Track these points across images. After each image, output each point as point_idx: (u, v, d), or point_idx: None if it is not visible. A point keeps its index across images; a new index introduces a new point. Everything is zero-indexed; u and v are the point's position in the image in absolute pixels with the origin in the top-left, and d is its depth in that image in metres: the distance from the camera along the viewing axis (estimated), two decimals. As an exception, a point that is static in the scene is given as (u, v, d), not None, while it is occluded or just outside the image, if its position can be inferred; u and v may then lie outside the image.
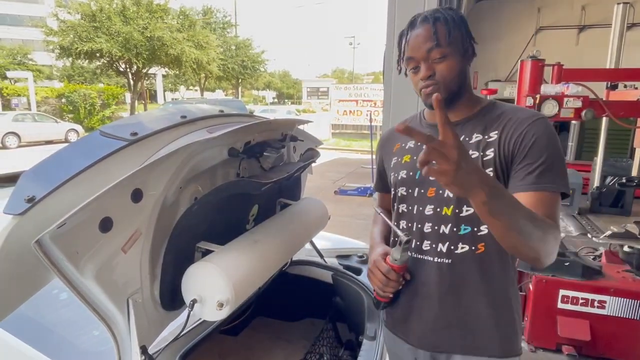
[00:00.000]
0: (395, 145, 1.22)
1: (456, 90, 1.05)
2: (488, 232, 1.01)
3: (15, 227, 0.79)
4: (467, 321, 1.06)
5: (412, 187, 1.13)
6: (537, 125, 0.99)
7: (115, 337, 1.00)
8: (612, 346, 2.56)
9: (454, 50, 1.02)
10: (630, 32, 6.39)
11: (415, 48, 1.03)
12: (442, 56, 1.01)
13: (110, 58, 20.77)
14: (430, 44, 1.00)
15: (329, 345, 1.86)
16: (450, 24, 1.01)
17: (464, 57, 1.04)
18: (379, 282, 1.07)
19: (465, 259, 1.05)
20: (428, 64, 1.02)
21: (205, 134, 1.12)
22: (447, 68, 1.02)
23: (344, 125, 17.18)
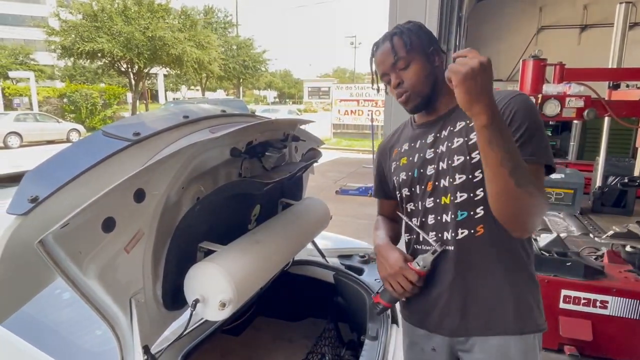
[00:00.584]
0: (393, 151, 1.29)
1: (429, 91, 1.13)
2: (484, 214, 1.05)
3: (19, 227, 0.79)
4: (477, 303, 1.09)
5: (413, 185, 1.18)
6: (514, 100, 1.03)
7: (118, 337, 1.00)
8: (614, 346, 2.56)
9: (415, 57, 1.11)
10: (633, 31, 6.38)
11: (381, 64, 1.15)
12: (405, 65, 1.11)
13: (112, 58, 20.80)
14: (392, 56, 1.11)
15: (330, 345, 1.86)
16: (406, 34, 1.12)
17: (429, 59, 1.13)
18: (402, 289, 1.10)
19: (467, 243, 1.08)
20: (396, 73, 1.13)
21: (207, 134, 1.12)
22: (412, 73, 1.11)
23: (345, 125, 17.18)
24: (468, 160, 1.05)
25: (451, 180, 1.08)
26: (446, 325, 1.14)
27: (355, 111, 16.69)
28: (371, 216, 1.61)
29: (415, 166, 1.17)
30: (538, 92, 2.71)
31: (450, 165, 1.08)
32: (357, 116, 16.71)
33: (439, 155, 1.12)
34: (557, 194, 3.95)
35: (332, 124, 17.47)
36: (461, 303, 1.10)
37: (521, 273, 1.10)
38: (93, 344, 1.41)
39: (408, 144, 1.23)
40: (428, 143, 1.16)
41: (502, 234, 1.05)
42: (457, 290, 1.10)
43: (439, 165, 1.11)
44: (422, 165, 1.15)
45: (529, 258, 1.12)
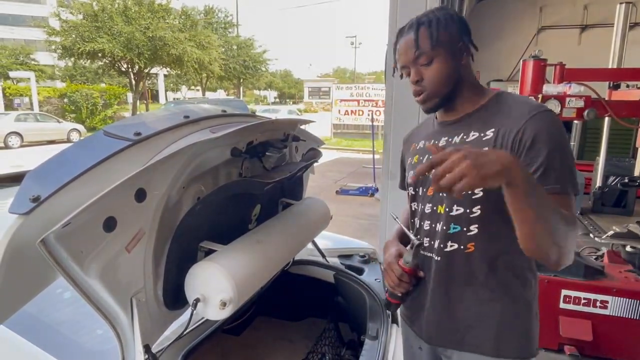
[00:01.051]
0: (412, 145, 1.25)
1: (447, 92, 1.05)
2: (478, 232, 1.02)
3: (21, 226, 0.79)
4: (456, 317, 1.08)
5: (417, 186, 1.15)
6: (535, 120, 0.95)
7: (119, 336, 1.00)
8: (614, 346, 2.56)
9: (440, 52, 1.01)
10: (633, 31, 6.37)
11: (403, 55, 1.05)
12: (427, 61, 1.02)
13: (112, 58, 20.82)
14: (414, 50, 1.02)
15: (330, 345, 1.86)
16: (435, 26, 1.01)
17: (454, 57, 1.03)
18: (391, 283, 1.10)
19: (454, 258, 1.05)
20: (416, 68, 1.04)
21: (208, 134, 1.12)
22: (434, 72, 1.02)
23: (345, 125, 17.18)
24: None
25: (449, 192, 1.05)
26: (426, 333, 1.15)
27: (356, 111, 16.69)
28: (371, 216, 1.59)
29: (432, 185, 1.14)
30: (538, 93, 2.71)
31: None
32: (357, 116, 16.71)
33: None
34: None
35: (332, 124, 17.46)
36: (440, 315, 1.10)
37: (510, 298, 1.04)
38: (94, 343, 1.41)
39: (424, 141, 1.18)
40: (440, 145, 1.10)
41: (494, 257, 1.02)
42: (438, 301, 1.09)
43: None
44: None
45: (525, 286, 1.06)
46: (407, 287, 1.10)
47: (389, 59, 2.84)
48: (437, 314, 1.10)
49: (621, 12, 3.40)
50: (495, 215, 0.99)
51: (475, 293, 1.05)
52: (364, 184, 8.49)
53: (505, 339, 1.05)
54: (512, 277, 1.04)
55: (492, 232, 1.02)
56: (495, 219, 0.99)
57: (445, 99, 1.06)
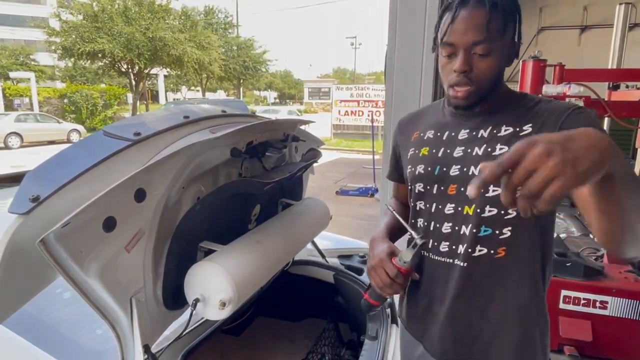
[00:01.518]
0: (413, 133, 1.10)
1: (486, 93, 0.93)
2: (511, 235, 0.92)
3: (20, 226, 0.79)
4: (478, 329, 0.98)
5: (430, 183, 1.02)
6: (578, 113, 0.86)
7: (119, 336, 1.00)
8: (614, 347, 2.56)
9: (501, 48, 0.88)
10: (633, 32, 6.37)
11: (459, 34, 0.87)
12: (487, 53, 0.86)
13: (112, 58, 20.82)
14: (480, 35, 0.85)
15: (330, 345, 1.86)
16: (508, 15, 0.86)
17: (508, 58, 0.92)
18: (381, 283, 0.97)
19: (482, 263, 0.95)
20: (468, 56, 0.88)
21: (207, 134, 1.13)
22: (488, 67, 0.88)
23: (345, 125, 17.19)
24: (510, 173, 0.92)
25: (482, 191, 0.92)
26: (440, 348, 1.03)
27: (356, 112, 16.71)
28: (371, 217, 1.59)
29: (439, 162, 1.00)
30: (537, 93, 2.71)
31: None
32: (357, 117, 16.73)
33: (471, 158, 0.94)
34: (557, 195, 3.94)
35: (332, 125, 17.47)
36: (459, 327, 1.00)
37: (533, 306, 0.97)
38: (94, 343, 1.41)
39: (434, 131, 1.04)
40: (460, 139, 0.97)
41: (525, 261, 0.94)
42: (458, 312, 0.99)
43: (468, 169, 0.94)
44: (447, 164, 0.98)
45: (544, 287, 0.99)
46: (398, 289, 0.98)
47: (389, 59, 2.84)
48: (455, 327, 1.00)
49: (620, 12, 3.41)
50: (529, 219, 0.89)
51: (502, 303, 0.96)
52: (364, 184, 8.49)
53: (525, 356, 0.98)
54: (540, 282, 0.97)
55: (525, 235, 0.93)
56: (529, 221, 0.86)
57: (483, 97, 0.93)
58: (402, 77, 2.84)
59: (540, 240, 0.96)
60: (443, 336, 1.02)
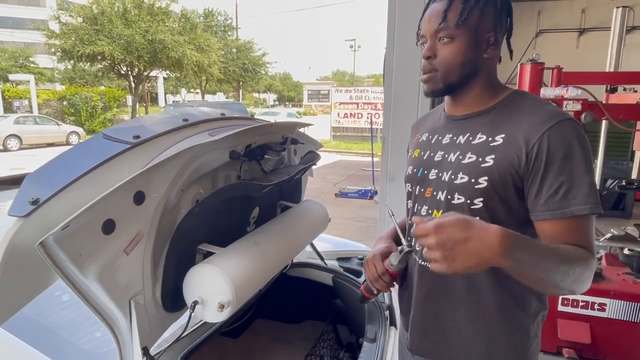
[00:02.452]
0: (416, 135, 1.15)
1: (456, 81, 0.93)
2: None
3: (20, 228, 0.80)
4: (443, 329, 1.01)
5: (414, 184, 1.05)
6: (554, 132, 0.83)
7: (118, 339, 1.00)
8: (613, 349, 2.56)
9: (464, 34, 0.89)
10: (630, 35, 6.39)
11: (425, 23, 0.93)
12: (449, 37, 0.89)
13: (112, 61, 20.86)
14: (438, 22, 0.89)
15: (329, 348, 1.86)
16: (474, 4, 0.88)
17: (478, 46, 0.91)
18: (371, 277, 1.05)
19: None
20: (433, 43, 0.92)
21: (206, 137, 1.13)
22: (450, 53, 0.90)
23: (344, 127, 17.21)
24: (472, 183, 0.90)
25: (448, 197, 0.94)
26: (410, 341, 1.09)
27: (355, 114, 16.73)
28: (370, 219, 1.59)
29: (422, 165, 1.03)
30: (536, 96, 2.72)
31: (452, 182, 0.93)
32: (356, 119, 16.76)
33: (446, 164, 0.97)
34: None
35: (331, 127, 17.49)
36: (427, 324, 1.04)
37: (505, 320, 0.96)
38: (92, 345, 1.41)
39: (427, 134, 1.08)
40: (443, 144, 1.00)
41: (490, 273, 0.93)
42: (428, 311, 1.03)
43: (442, 175, 0.97)
44: (428, 167, 1.02)
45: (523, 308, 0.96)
46: (384, 287, 1.04)
47: (388, 62, 2.85)
48: (425, 323, 1.04)
49: (618, 15, 3.42)
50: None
51: (469, 308, 0.98)
52: (363, 186, 8.49)
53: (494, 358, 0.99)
54: (509, 296, 0.95)
55: None
56: None
57: (452, 88, 0.94)
58: (401, 79, 2.85)
59: None
60: (413, 331, 1.07)
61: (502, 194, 0.88)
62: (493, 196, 0.89)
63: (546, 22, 7.46)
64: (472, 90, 0.96)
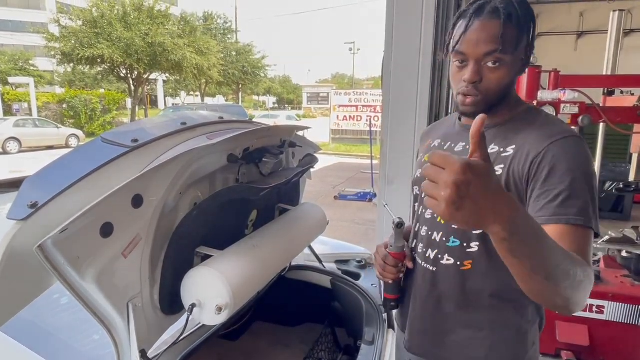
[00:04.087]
0: (427, 141, 1.17)
1: (496, 102, 0.93)
2: (478, 250, 0.95)
3: (18, 232, 0.80)
4: (442, 331, 1.04)
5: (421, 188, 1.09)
6: (559, 145, 0.84)
7: (115, 341, 1.01)
8: (611, 351, 2.56)
9: (513, 61, 0.88)
10: (628, 38, 6.42)
11: (472, 44, 0.87)
12: (498, 63, 0.87)
13: (112, 64, 20.89)
14: (493, 47, 0.85)
15: (327, 350, 1.87)
16: (522, 27, 0.87)
17: (520, 69, 0.92)
18: (378, 267, 1.08)
19: (449, 272, 0.99)
20: (479, 66, 0.89)
21: (204, 141, 1.14)
22: (498, 79, 0.89)
23: (344, 130, 17.22)
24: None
25: None
26: (409, 341, 1.11)
27: (354, 117, 16.75)
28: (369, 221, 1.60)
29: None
30: (533, 99, 2.73)
31: None
32: (355, 122, 16.77)
33: None
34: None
35: (330, 130, 17.51)
36: (427, 325, 1.06)
37: (504, 327, 0.98)
38: (90, 348, 1.41)
39: (440, 140, 1.10)
40: (455, 151, 1.02)
41: (490, 279, 0.95)
42: (427, 311, 1.05)
43: None
44: None
45: (521, 313, 0.97)
46: (393, 272, 1.06)
47: (387, 65, 2.86)
48: (424, 323, 1.07)
49: (615, 19, 3.44)
50: None
51: (467, 313, 1.00)
52: (362, 189, 8.50)
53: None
54: (506, 301, 0.97)
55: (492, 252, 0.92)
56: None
57: (491, 107, 0.93)
58: (399, 82, 2.86)
59: None
60: (412, 331, 1.10)
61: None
62: None
63: (545, 25, 7.50)
64: (501, 106, 0.96)
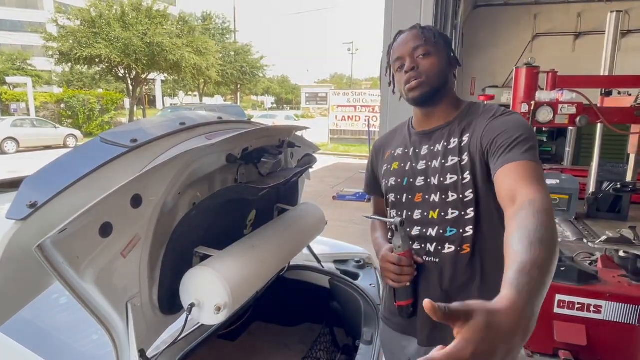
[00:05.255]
0: (386, 152, 1.28)
1: (438, 87, 1.10)
2: (473, 234, 1.05)
3: (18, 232, 0.80)
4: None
5: (400, 193, 1.17)
6: (503, 116, 1.04)
7: (114, 341, 1.01)
8: (609, 351, 2.57)
9: (438, 51, 1.10)
10: (625, 39, 6.44)
11: (402, 46, 1.11)
12: (426, 53, 1.09)
13: (110, 64, 20.85)
14: (417, 41, 1.09)
15: (326, 350, 1.87)
16: (434, 32, 1.12)
17: (448, 61, 1.12)
18: (393, 274, 1.09)
19: (452, 259, 1.07)
20: (412, 58, 1.10)
21: (203, 141, 1.14)
22: (431, 64, 1.08)
23: (342, 130, 17.22)
24: (460, 180, 1.05)
25: (443, 197, 1.08)
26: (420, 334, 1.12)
27: (353, 117, 16.75)
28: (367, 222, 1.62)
29: (406, 175, 1.16)
30: (531, 99, 2.74)
31: (443, 183, 1.07)
32: (354, 122, 16.77)
33: (431, 170, 1.11)
34: (553, 200, 3.98)
35: (329, 130, 17.51)
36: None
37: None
38: (90, 348, 1.41)
39: (402, 149, 1.22)
40: (422, 154, 1.15)
41: (489, 258, 1.05)
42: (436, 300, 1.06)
43: (430, 180, 1.10)
44: (413, 175, 1.15)
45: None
46: (410, 272, 1.09)
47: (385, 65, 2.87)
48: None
49: (612, 20, 3.45)
50: (488, 215, 1.04)
51: (472, 295, 1.05)
52: (361, 189, 8.49)
53: None
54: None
55: (485, 232, 1.05)
56: (487, 219, 1.04)
57: (435, 93, 1.10)
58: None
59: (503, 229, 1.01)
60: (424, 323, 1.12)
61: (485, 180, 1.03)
62: (479, 185, 1.04)
63: (542, 25, 7.52)
64: (441, 105, 1.13)
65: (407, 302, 1.13)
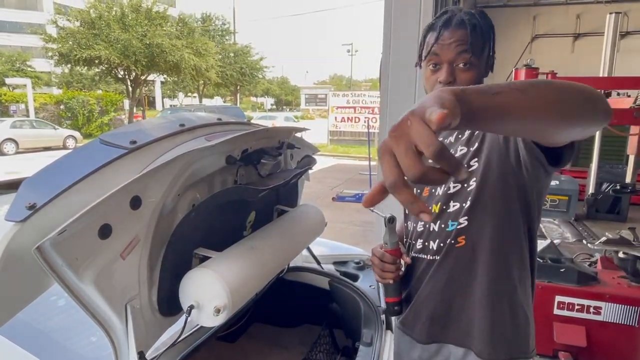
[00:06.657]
0: None
1: None
2: (468, 225, 1.02)
3: (17, 233, 0.80)
4: (459, 317, 1.07)
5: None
6: None
7: (113, 343, 1.00)
8: (608, 352, 2.57)
9: (479, 63, 1.01)
10: (624, 40, 6.45)
11: (445, 48, 0.99)
12: (467, 63, 0.99)
13: (109, 65, 20.83)
14: (461, 46, 0.98)
15: (325, 352, 1.87)
16: (485, 36, 1.00)
17: (485, 71, 1.05)
18: (377, 269, 1.10)
19: (451, 255, 1.06)
20: (452, 68, 1.00)
21: (203, 142, 1.14)
22: (469, 79, 0.99)
23: (342, 132, 17.23)
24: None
25: (446, 189, 1.05)
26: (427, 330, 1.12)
27: (352, 118, 16.77)
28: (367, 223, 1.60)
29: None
30: (531, 100, 2.74)
31: None
32: (353, 123, 16.78)
33: None
34: (552, 201, 3.98)
35: (328, 131, 17.51)
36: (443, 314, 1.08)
37: (502, 297, 1.04)
38: (88, 350, 1.41)
39: None
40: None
41: (483, 250, 1.03)
42: (441, 301, 1.08)
43: None
44: None
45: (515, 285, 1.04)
46: (392, 270, 1.08)
47: (385, 66, 2.87)
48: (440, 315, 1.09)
49: (611, 21, 3.46)
50: (480, 206, 1.01)
51: (478, 290, 1.04)
52: (361, 190, 8.50)
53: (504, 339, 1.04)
54: (504, 272, 1.03)
55: (478, 223, 1.02)
56: (481, 209, 1.01)
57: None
58: (397, 84, 2.88)
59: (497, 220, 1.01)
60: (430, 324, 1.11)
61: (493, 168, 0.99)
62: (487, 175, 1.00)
63: (542, 27, 7.54)
64: None
65: (394, 299, 1.13)
